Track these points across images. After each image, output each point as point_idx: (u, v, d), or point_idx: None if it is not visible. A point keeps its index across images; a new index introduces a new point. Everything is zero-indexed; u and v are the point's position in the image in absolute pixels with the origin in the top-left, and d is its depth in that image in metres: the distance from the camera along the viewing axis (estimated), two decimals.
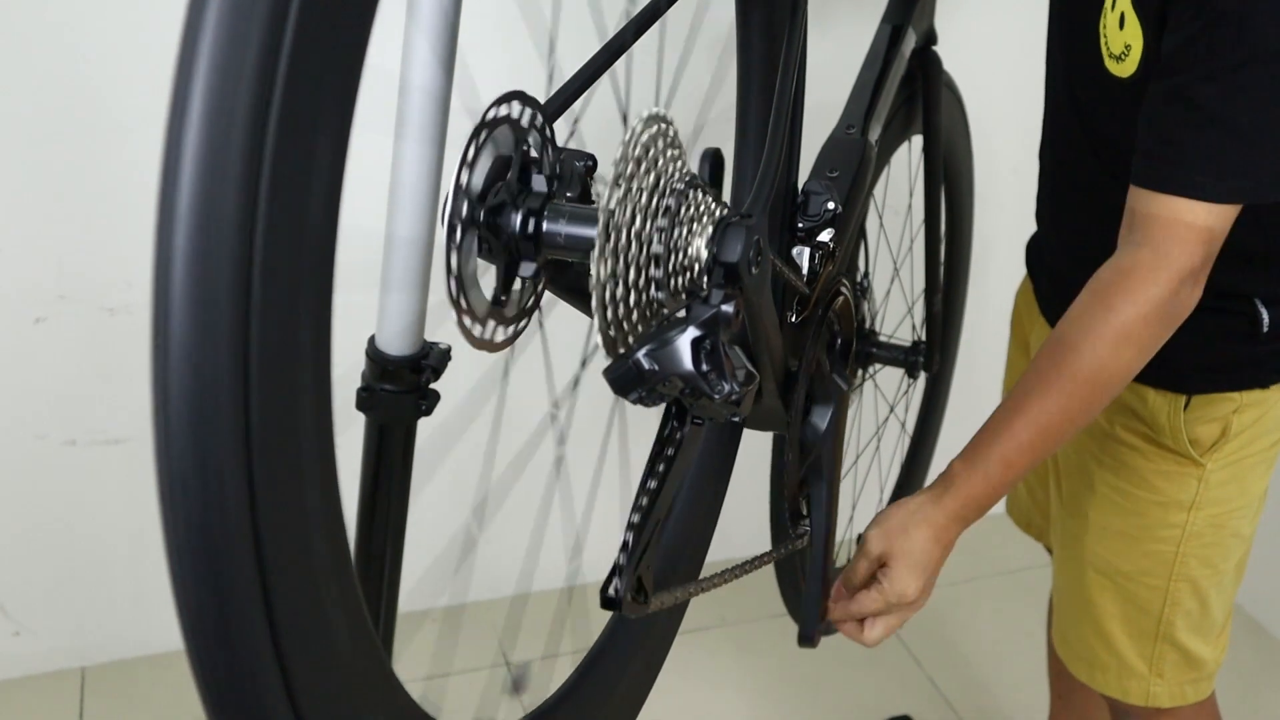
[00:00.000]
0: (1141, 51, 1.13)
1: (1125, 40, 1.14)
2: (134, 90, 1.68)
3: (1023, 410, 1.12)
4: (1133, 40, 1.13)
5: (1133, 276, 1.09)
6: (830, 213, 1.08)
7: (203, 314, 0.48)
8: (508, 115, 0.75)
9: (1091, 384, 1.10)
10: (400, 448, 0.95)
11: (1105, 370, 1.10)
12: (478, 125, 0.72)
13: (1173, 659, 1.40)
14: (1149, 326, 1.09)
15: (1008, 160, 1.89)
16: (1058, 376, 1.11)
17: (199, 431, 0.49)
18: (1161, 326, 1.10)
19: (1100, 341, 1.09)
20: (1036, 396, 1.11)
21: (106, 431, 1.96)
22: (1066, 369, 1.10)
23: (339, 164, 0.52)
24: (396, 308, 0.89)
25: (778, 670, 2.24)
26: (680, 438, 0.81)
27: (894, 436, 1.87)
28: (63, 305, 1.85)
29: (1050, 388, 1.11)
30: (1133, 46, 1.14)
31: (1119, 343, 1.09)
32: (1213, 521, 1.34)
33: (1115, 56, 1.17)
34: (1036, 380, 1.12)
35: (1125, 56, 1.15)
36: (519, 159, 0.75)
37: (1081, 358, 1.10)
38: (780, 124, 0.92)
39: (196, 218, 0.47)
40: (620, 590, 0.77)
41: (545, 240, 0.75)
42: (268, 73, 0.48)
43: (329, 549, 0.56)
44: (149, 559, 1.98)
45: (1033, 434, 1.11)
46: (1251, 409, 1.29)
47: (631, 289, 0.74)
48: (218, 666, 0.52)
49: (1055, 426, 1.11)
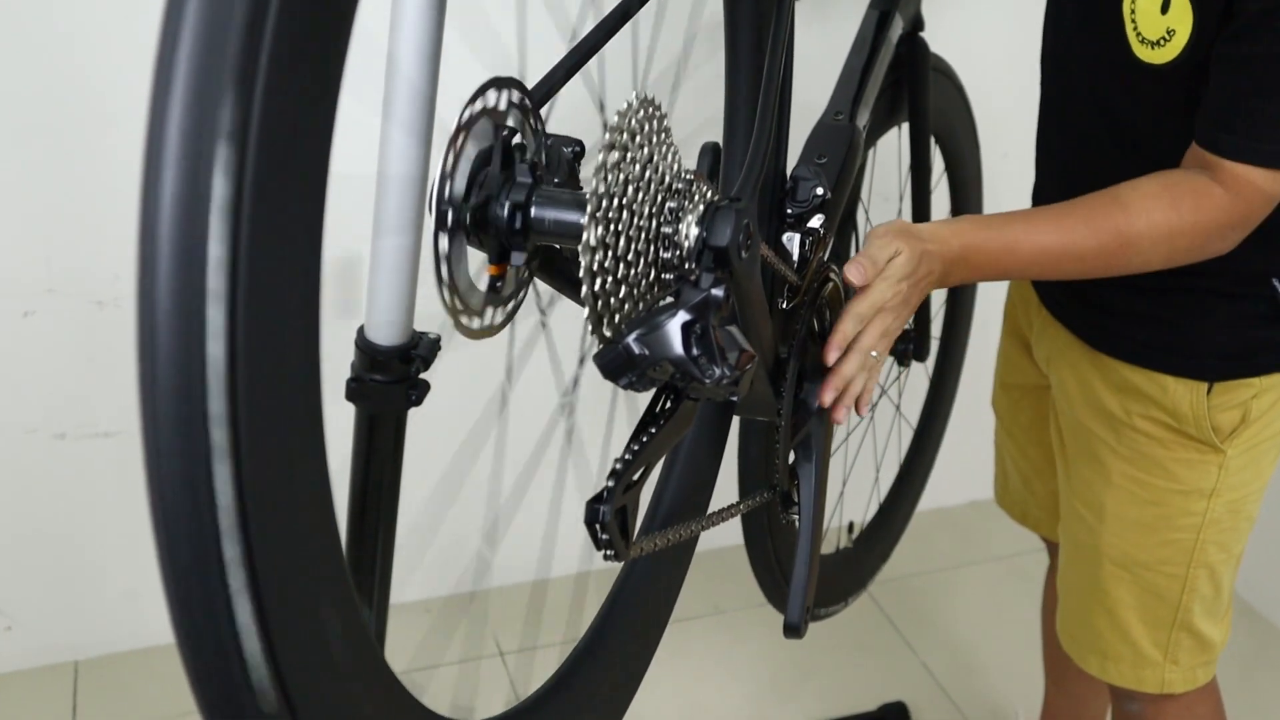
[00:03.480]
0: (1190, 36, 1.12)
1: (1168, 25, 1.13)
2: (123, 83, 1.67)
3: (1055, 220, 1.15)
4: (1178, 25, 1.12)
5: (1204, 196, 1.12)
6: (819, 198, 1.08)
7: (188, 305, 0.48)
8: (495, 100, 0.74)
9: (1122, 247, 1.14)
10: (390, 438, 0.95)
11: (1139, 247, 1.14)
12: (464, 109, 0.72)
13: (1187, 644, 1.40)
14: (1193, 240, 1.14)
15: (998, 146, 1.89)
16: (1101, 220, 1.14)
17: (186, 424, 0.48)
18: (1200, 249, 1.16)
19: (1153, 224, 1.13)
20: (1073, 219, 1.15)
21: (97, 425, 1.95)
22: (1110, 221, 1.14)
23: (324, 152, 0.52)
24: (385, 297, 0.89)
25: (771, 658, 2.25)
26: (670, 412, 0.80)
27: (888, 426, 1.87)
28: (51, 299, 1.84)
29: (1089, 223, 1.14)
30: (1177, 31, 1.13)
31: (1166, 235, 1.13)
32: (1231, 507, 1.33)
33: (1150, 42, 1.16)
34: (1080, 211, 1.16)
35: (1165, 42, 1.14)
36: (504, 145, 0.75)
37: (1131, 222, 1.13)
38: (768, 108, 0.92)
39: (179, 209, 0.47)
40: (606, 515, 0.75)
41: (533, 226, 0.75)
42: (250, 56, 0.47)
43: (319, 540, 0.56)
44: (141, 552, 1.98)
45: (1050, 243, 1.14)
46: (1270, 393, 1.29)
47: (620, 261, 0.73)
48: (207, 659, 0.52)
49: (1067, 254, 1.15)
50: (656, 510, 1.06)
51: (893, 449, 1.86)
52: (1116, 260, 1.15)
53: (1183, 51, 1.13)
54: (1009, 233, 1.14)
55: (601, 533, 0.75)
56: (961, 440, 2.23)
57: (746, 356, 0.77)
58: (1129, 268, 1.17)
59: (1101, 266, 1.16)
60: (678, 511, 1.06)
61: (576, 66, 0.89)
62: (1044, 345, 1.47)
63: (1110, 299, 1.32)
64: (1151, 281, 1.26)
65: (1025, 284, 1.52)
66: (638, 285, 0.77)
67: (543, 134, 0.80)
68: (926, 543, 2.56)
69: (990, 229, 1.15)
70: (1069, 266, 1.16)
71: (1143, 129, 1.21)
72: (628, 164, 0.74)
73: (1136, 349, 1.31)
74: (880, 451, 1.82)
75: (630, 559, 0.80)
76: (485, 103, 0.74)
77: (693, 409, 0.83)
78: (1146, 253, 1.14)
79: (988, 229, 1.15)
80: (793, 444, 1.11)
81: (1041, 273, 1.18)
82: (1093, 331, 1.36)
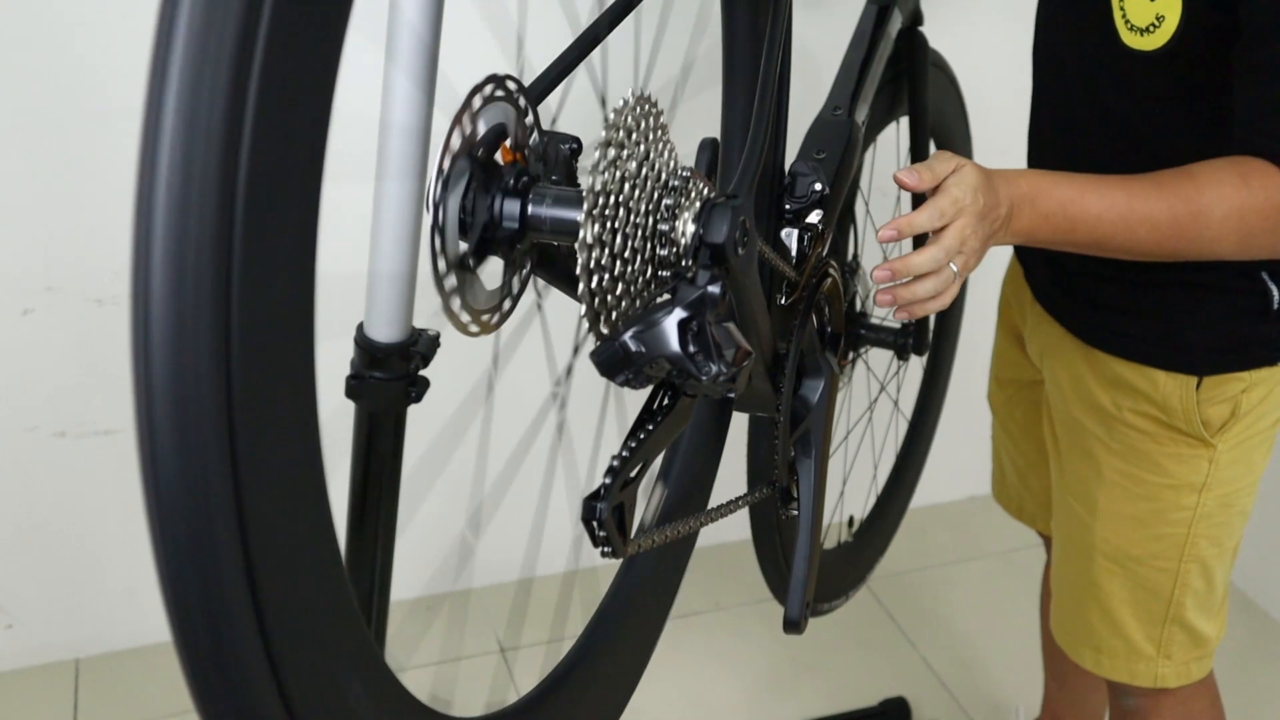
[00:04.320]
0: (1179, 23, 1.11)
1: (1157, 11, 1.12)
2: (121, 81, 1.67)
3: (1121, 183, 1.11)
4: (1167, 10, 1.12)
5: (1273, 177, 1.08)
6: (817, 194, 1.07)
7: (182, 304, 0.48)
8: (491, 97, 0.74)
9: (1192, 216, 1.09)
10: (390, 435, 0.95)
11: (1210, 218, 1.09)
12: (462, 106, 0.72)
13: (1180, 639, 1.40)
14: (1265, 220, 1.09)
15: (995, 143, 1.89)
16: (1169, 186, 1.10)
17: (181, 421, 0.48)
18: (1272, 233, 1.10)
19: (1223, 196, 1.08)
20: (1140, 184, 1.11)
21: (97, 423, 1.95)
22: (1179, 187, 1.10)
23: (319, 146, 0.52)
24: (384, 294, 0.89)
25: (771, 653, 2.25)
26: (667, 409, 0.80)
27: (886, 418, 1.87)
28: (50, 297, 1.84)
29: (1158, 188, 1.10)
30: (1166, 17, 1.12)
31: (1237, 211, 1.09)
32: (1222, 501, 1.33)
33: (1139, 29, 1.15)
34: (1146, 179, 1.11)
35: (1154, 29, 1.13)
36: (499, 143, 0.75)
37: (1200, 190, 1.09)
38: (765, 104, 0.92)
39: (174, 206, 0.47)
40: (603, 512, 0.75)
41: (530, 224, 0.75)
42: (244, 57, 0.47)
43: (317, 538, 0.56)
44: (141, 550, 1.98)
45: (1119, 200, 1.10)
46: (1260, 387, 1.29)
47: (618, 258, 0.73)
48: (204, 658, 0.52)
49: (1135, 213, 1.10)
50: (655, 507, 1.06)
51: (890, 443, 1.86)
52: (1188, 231, 1.10)
53: (1172, 38, 1.12)
54: (1076, 182, 1.11)
55: (599, 530, 0.75)
56: (960, 436, 2.23)
57: (743, 353, 0.77)
58: (1202, 244, 1.11)
59: (1174, 235, 1.10)
60: (677, 508, 1.06)
61: (574, 62, 0.89)
62: (1037, 340, 1.47)
63: (1101, 293, 1.32)
64: (1142, 276, 1.26)
65: (1017, 279, 1.52)
66: (635, 282, 0.77)
67: (540, 130, 0.80)
68: (926, 538, 2.56)
69: (1057, 176, 1.12)
70: (1142, 233, 1.11)
71: (1134, 118, 1.21)
72: (624, 161, 0.74)
73: (1127, 343, 1.32)
74: (879, 447, 1.82)
75: (628, 556, 0.80)
76: (482, 99, 0.74)
77: (690, 405, 0.83)
78: (1217, 228, 1.09)
79: (1054, 176, 1.12)
80: (792, 440, 1.11)
81: (1112, 235, 1.11)
82: (1084, 326, 1.36)
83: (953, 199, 1.04)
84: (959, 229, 1.05)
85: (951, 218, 1.04)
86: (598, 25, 0.91)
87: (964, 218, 1.05)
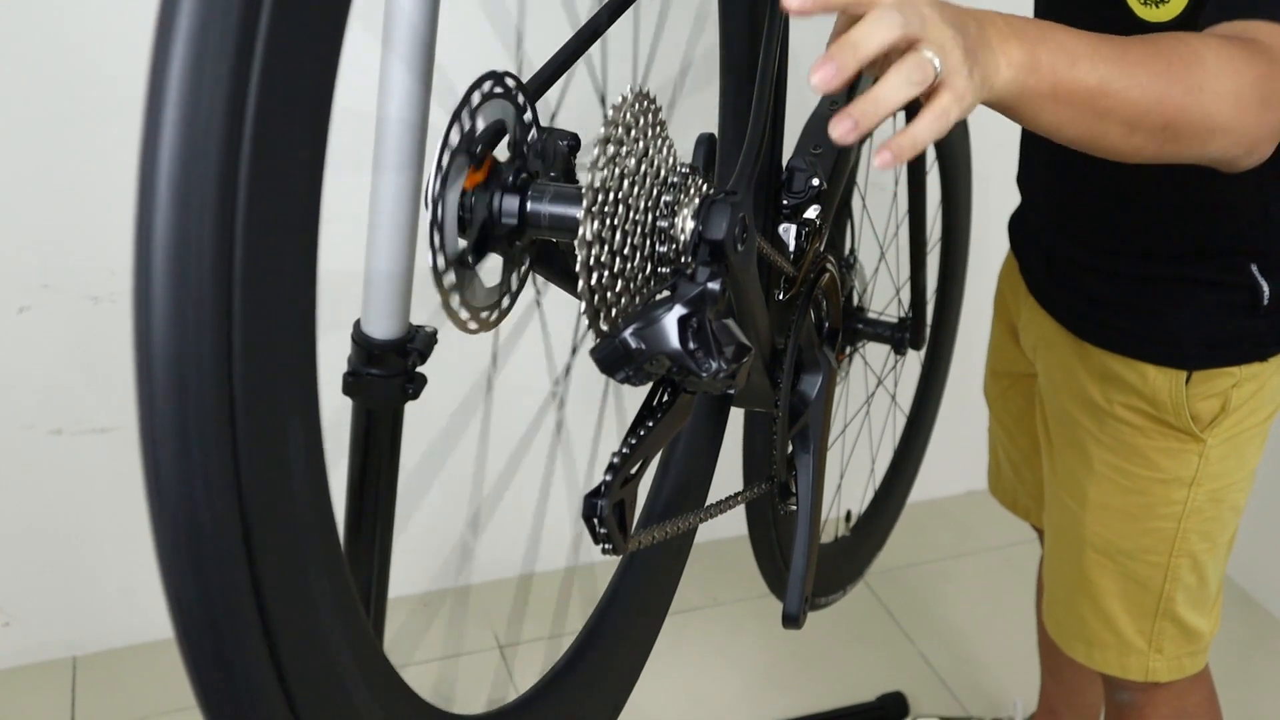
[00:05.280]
0: None
1: None
2: (119, 77, 1.67)
3: (1121, 52, 0.93)
4: None
5: (1253, 44, 0.98)
6: (815, 189, 1.07)
7: (184, 300, 0.48)
8: (489, 93, 0.74)
9: (1185, 62, 0.94)
10: (388, 432, 0.95)
11: (1204, 65, 0.95)
12: (460, 103, 0.72)
13: (1172, 634, 1.40)
14: (1257, 81, 0.96)
15: (992, 135, 1.89)
16: (1154, 41, 0.95)
17: (183, 418, 0.48)
18: (1263, 104, 0.97)
19: (1209, 45, 0.96)
20: (1141, 58, 0.93)
21: (93, 421, 1.95)
22: (1165, 40, 0.96)
23: (320, 142, 0.52)
24: (381, 291, 0.89)
25: (769, 649, 2.25)
26: (667, 405, 0.80)
27: (884, 413, 1.87)
28: (47, 294, 1.84)
29: (1142, 42, 0.95)
30: None
31: (1229, 59, 0.96)
32: (1212, 496, 1.33)
33: (1151, 1, 1.12)
34: (1148, 51, 0.94)
35: (1167, 0, 1.10)
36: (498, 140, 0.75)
37: (1185, 40, 0.96)
38: (763, 99, 0.92)
39: (176, 203, 0.47)
40: (604, 509, 0.75)
41: (529, 220, 0.75)
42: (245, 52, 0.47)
43: (317, 532, 0.56)
44: (138, 547, 1.98)
45: (1098, 42, 0.92)
46: (1250, 382, 1.29)
47: (617, 255, 0.73)
48: (207, 652, 0.52)
49: (1119, 54, 0.92)
50: (654, 503, 1.06)
51: (888, 438, 1.86)
52: (1182, 79, 0.93)
53: (1186, 8, 1.09)
54: (1057, 31, 0.91)
55: (599, 527, 0.75)
56: (958, 430, 2.24)
57: (742, 350, 0.77)
58: (1198, 97, 0.94)
59: (1165, 85, 0.93)
60: (675, 504, 1.06)
61: (572, 59, 0.89)
62: (1031, 333, 1.47)
63: (1093, 287, 1.32)
64: (1134, 269, 1.26)
65: (1013, 272, 1.52)
66: (634, 279, 0.77)
67: (538, 127, 0.80)
68: (924, 533, 2.56)
69: (1043, 27, 0.91)
70: (1139, 73, 0.92)
71: None
72: (624, 157, 0.74)
73: (1118, 337, 1.32)
74: (876, 441, 1.82)
75: (628, 552, 0.80)
76: (480, 96, 0.73)
77: (690, 402, 0.83)
78: (1214, 81, 0.94)
79: (1035, 23, 0.92)
80: (790, 435, 1.11)
81: (1092, 70, 0.90)
82: (1076, 319, 1.36)
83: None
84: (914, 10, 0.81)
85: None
86: (596, 20, 0.91)
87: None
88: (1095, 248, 1.31)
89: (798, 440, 1.11)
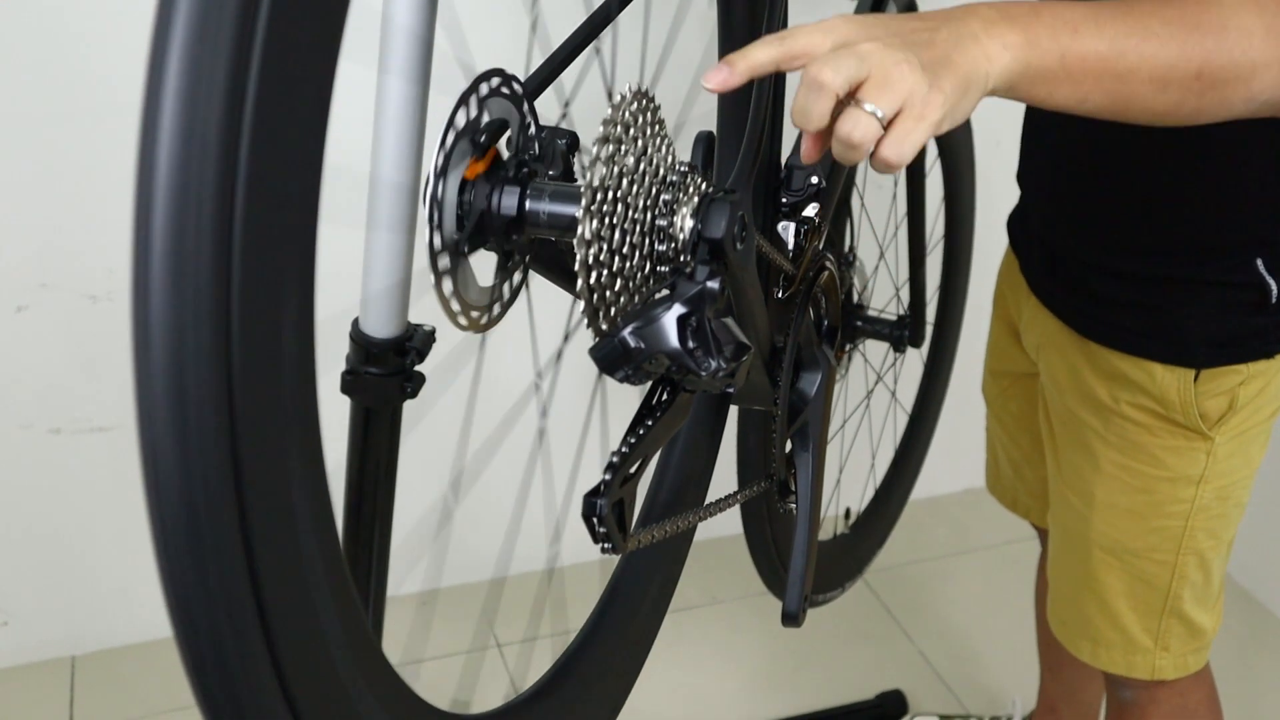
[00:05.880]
0: None
1: None
2: (117, 75, 1.67)
3: (1126, 8, 0.87)
4: None
5: None
6: (814, 187, 1.07)
7: (183, 299, 0.47)
8: (487, 92, 0.74)
9: (1207, 37, 0.88)
10: (386, 431, 0.95)
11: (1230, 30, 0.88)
12: (458, 103, 0.72)
13: (1178, 631, 1.40)
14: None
15: (992, 134, 1.89)
16: (1178, 9, 0.88)
17: (181, 417, 0.48)
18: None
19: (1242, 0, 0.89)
20: (1151, 8, 0.88)
21: (91, 420, 1.95)
22: (1192, 4, 0.89)
23: (318, 139, 0.52)
24: (380, 290, 0.89)
25: (768, 647, 2.25)
26: (667, 404, 0.80)
27: (884, 411, 1.87)
28: (45, 293, 1.84)
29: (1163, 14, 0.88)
30: None
31: (1268, 25, 0.88)
32: (1219, 493, 1.33)
33: None
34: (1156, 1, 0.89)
35: None
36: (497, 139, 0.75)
37: (1219, 3, 0.89)
38: (762, 97, 0.92)
39: (173, 201, 0.47)
40: (603, 508, 0.75)
41: (528, 219, 0.75)
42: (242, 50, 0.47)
43: (316, 530, 0.56)
44: (137, 546, 1.98)
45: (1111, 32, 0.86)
46: (1257, 380, 1.29)
47: (616, 254, 0.73)
48: (206, 652, 0.52)
49: (1135, 43, 0.87)
50: (653, 502, 1.06)
51: (888, 435, 1.86)
52: (1200, 21, 0.88)
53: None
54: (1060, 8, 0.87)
55: (599, 526, 0.75)
56: (957, 428, 2.24)
57: (742, 348, 0.77)
58: (1223, 36, 0.88)
59: (1183, 31, 0.87)
60: (674, 503, 1.06)
61: (570, 57, 0.89)
62: (1033, 333, 1.47)
63: (1098, 287, 1.32)
64: (1140, 268, 1.26)
65: (1012, 270, 1.51)
66: (633, 278, 0.77)
67: (537, 125, 0.80)
68: (922, 531, 2.56)
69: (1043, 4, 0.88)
70: (1151, 24, 0.87)
71: None
72: (622, 156, 0.73)
73: (1124, 336, 1.31)
74: (876, 438, 1.82)
75: (627, 551, 0.80)
76: (478, 96, 0.73)
77: (689, 400, 0.82)
78: (1236, 16, 0.88)
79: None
80: (789, 433, 1.11)
81: (1099, 33, 0.86)
82: (1081, 319, 1.36)
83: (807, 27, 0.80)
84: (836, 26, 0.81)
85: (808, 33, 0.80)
86: (594, 20, 0.91)
87: (840, 24, 0.81)
88: (1100, 245, 1.30)
89: (797, 438, 1.11)
